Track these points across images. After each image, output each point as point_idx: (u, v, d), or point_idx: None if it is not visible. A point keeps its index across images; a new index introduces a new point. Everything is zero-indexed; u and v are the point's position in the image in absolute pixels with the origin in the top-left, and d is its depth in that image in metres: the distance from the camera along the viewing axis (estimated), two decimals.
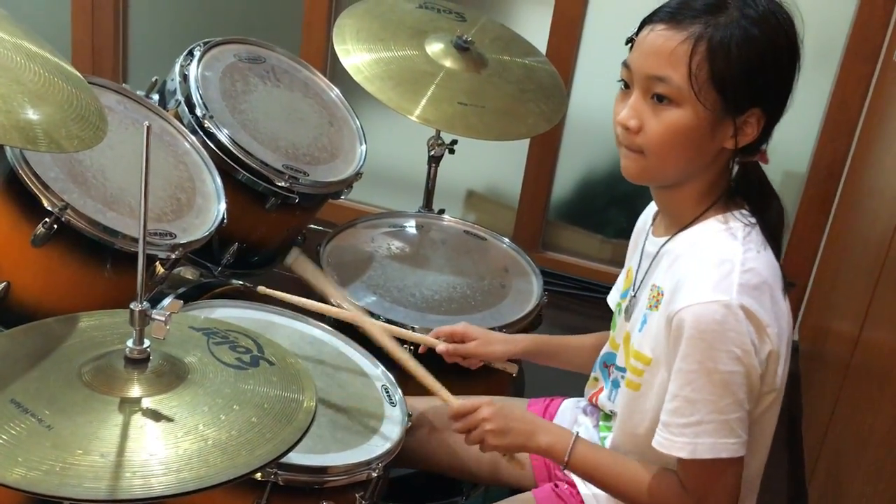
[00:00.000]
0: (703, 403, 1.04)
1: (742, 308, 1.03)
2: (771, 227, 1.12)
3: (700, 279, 1.06)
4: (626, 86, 1.11)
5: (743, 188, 1.14)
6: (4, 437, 0.87)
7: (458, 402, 1.26)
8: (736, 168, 1.14)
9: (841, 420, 1.84)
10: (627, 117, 1.09)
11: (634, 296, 1.21)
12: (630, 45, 1.12)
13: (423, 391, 1.39)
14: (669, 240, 1.16)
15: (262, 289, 1.42)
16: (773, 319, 1.06)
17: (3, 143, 1.20)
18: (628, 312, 1.22)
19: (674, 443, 1.07)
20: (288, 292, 1.43)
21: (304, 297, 1.43)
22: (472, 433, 1.22)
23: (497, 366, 1.47)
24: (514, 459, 1.26)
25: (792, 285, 1.13)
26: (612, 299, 1.38)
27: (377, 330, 1.40)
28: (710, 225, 1.12)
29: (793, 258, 2.53)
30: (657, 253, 1.18)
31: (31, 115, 1.05)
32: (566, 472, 1.24)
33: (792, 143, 2.55)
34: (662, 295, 1.12)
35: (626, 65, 1.11)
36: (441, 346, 1.42)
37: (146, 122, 0.92)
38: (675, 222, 1.16)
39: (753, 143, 1.10)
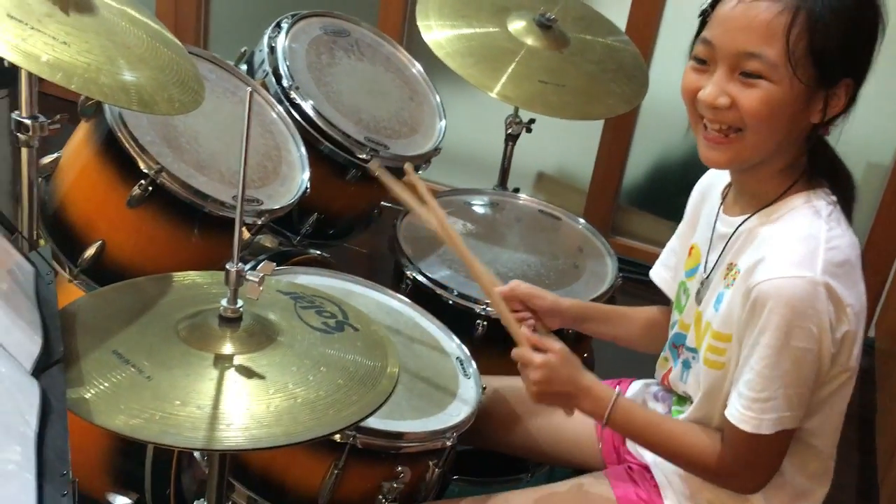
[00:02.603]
0: (774, 379, 1.04)
1: (825, 286, 1.01)
2: (847, 203, 1.11)
3: (784, 254, 1.04)
4: (702, 62, 1.07)
5: (818, 164, 1.11)
6: (107, 384, 0.92)
7: (522, 347, 1.20)
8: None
9: None
10: (715, 95, 1.05)
11: (707, 276, 1.20)
12: (704, 18, 1.08)
13: (496, 365, 1.41)
14: (748, 219, 1.14)
15: (374, 165, 1.38)
16: (854, 299, 1.05)
17: (111, 104, 1.24)
18: (700, 294, 1.21)
19: (742, 415, 1.07)
20: (360, 268, 1.43)
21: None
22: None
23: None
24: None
25: None
26: (661, 278, 1.37)
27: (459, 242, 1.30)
28: (794, 202, 1.10)
29: (873, 253, 2.46)
30: (734, 232, 1.15)
31: (136, 77, 1.09)
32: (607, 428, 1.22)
33: (875, 134, 2.47)
34: (739, 273, 1.10)
35: (706, 41, 1.06)
36: (499, 288, 1.33)
37: (248, 88, 0.94)
38: (755, 201, 1.14)
39: (837, 115, 1.07)
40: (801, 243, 1.04)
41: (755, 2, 1.01)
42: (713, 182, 1.28)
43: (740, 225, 1.14)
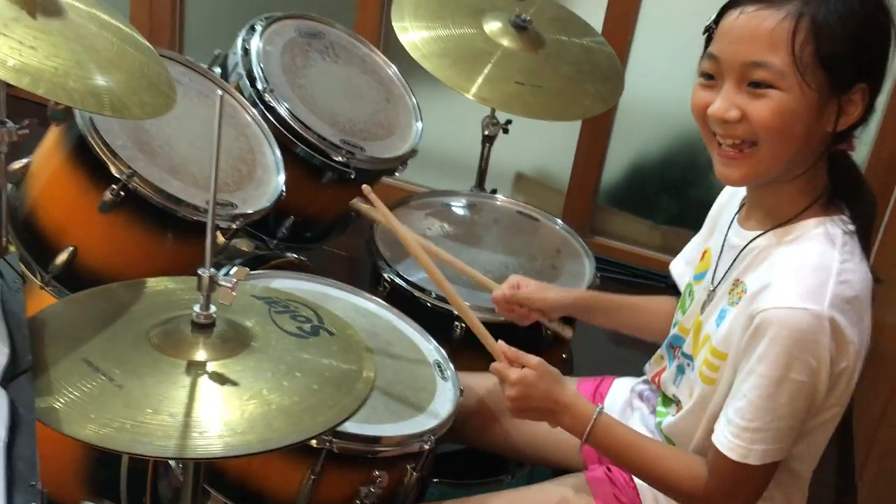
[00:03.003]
0: (767, 411, 1.02)
1: (830, 321, 0.99)
2: (864, 225, 1.08)
3: (793, 283, 1.02)
4: (710, 77, 1.05)
5: (836, 182, 1.08)
6: (77, 393, 0.90)
7: (498, 363, 1.20)
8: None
9: (894, 415, 1.81)
10: (725, 109, 1.03)
11: (713, 289, 1.18)
12: (708, 34, 1.07)
13: (474, 368, 1.41)
14: (761, 235, 1.11)
15: (366, 188, 1.35)
16: (856, 336, 1.02)
17: (80, 108, 1.23)
18: (704, 304, 1.19)
19: (731, 443, 1.05)
20: (338, 271, 1.43)
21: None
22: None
23: (551, 325, 1.46)
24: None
25: (879, 281, 1.08)
26: (679, 272, 1.35)
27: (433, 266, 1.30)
28: (809, 226, 1.07)
29: None
30: (745, 247, 1.13)
31: (106, 81, 1.08)
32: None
33: None
34: (745, 292, 1.08)
35: (711, 56, 1.04)
36: (498, 291, 1.41)
37: (219, 92, 0.93)
38: (770, 217, 1.11)
39: (853, 125, 1.04)
40: (812, 274, 1.02)
41: (758, 11, 1.00)
42: (736, 192, 1.25)
43: (752, 241, 1.12)
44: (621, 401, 1.38)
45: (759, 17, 1.00)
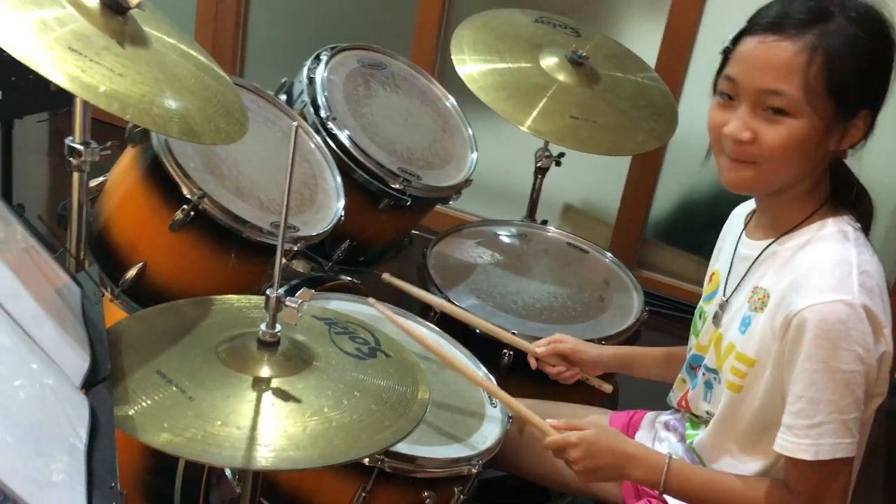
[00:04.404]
0: (826, 404, 1.05)
1: (864, 308, 1.04)
2: (865, 226, 1.14)
3: (820, 280, 1.06)
4: (727, 97, 1.11)
5: (837, 187, 1.14)
6: (150, 402, 0.95)
7: (552, 435, 1.23)
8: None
9: None
10: (739, 130, 1.09)
11: (727, 300, 1.22)
12: (725, 55, 1.13)
13: (521, 396, 1.43)
14: (773, 242, 1.16)
15: (386, 276, 1.46)
16: (887, 321, 1.07)
17: (162, 133, 1.29)
18: (717, 317, 1.23)
19: (798, 445, 1.07)
20: (389, 295, 1.49)
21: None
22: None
23: (592, 382, 1.50)
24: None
25: None
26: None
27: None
28: (819, 227, 1.13)
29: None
30: (759, 255, 1.18)
31: (186, 108, 1.14)
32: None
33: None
34: (769, 297, 1.13)
35: (729, 78, 1.11)
36: (540, 349, 1.46)
37: (294, 123, 0.98)
38: (779, 225, 1.17)
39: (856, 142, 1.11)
40: (835, 268, 1.07)
41: (777, 42, 1.06)
42: (740, 213, 1.32)
43: (764, 249, 1.17)
44: (649, 434, 1.40)
45: (777, 47, 1.06)
